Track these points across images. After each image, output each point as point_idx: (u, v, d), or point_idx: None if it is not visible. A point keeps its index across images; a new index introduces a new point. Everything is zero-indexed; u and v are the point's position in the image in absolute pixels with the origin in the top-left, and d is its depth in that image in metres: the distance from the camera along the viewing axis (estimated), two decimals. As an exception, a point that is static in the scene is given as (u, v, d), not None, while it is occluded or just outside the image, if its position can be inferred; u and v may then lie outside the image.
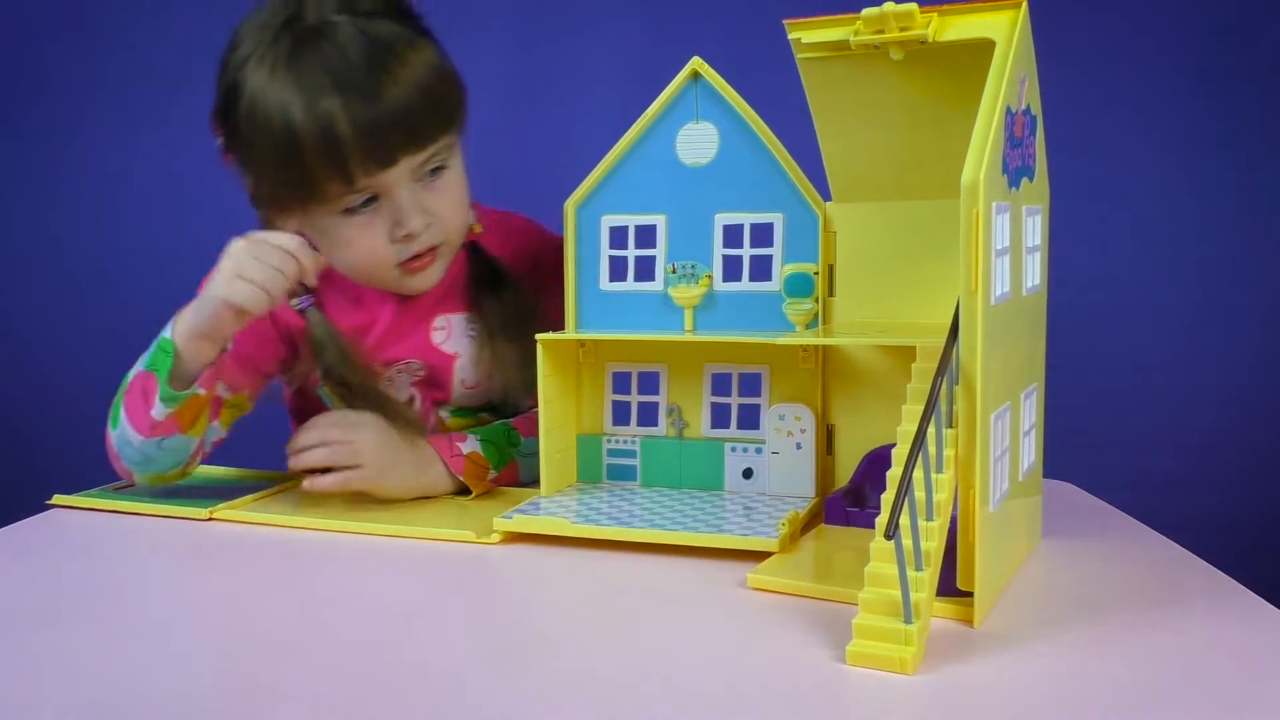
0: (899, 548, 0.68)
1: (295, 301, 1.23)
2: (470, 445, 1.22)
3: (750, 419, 1.14)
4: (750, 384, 1.14)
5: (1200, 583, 0.88)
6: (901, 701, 0.65)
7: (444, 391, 1.36)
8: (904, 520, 0.70)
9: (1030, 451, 0.94)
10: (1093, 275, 2.17)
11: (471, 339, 1.33)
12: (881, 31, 0.87)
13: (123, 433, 1.18)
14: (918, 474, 0.73)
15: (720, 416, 1.15)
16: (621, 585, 0.91)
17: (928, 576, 0.72)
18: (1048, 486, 1.06)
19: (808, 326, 1.10)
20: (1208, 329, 2.18)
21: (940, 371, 0.75)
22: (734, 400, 1.14)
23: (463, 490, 1.21)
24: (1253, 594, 0.83)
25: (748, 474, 1.13)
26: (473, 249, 1.34)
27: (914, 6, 0.86)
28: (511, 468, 1.26)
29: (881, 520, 0.73)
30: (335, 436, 1.15)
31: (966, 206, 0.75)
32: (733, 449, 1.14)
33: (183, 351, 1.15)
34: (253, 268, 1.12)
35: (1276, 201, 2.16)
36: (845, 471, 1.11)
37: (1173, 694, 0.66)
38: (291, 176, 1.15)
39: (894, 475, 0.77)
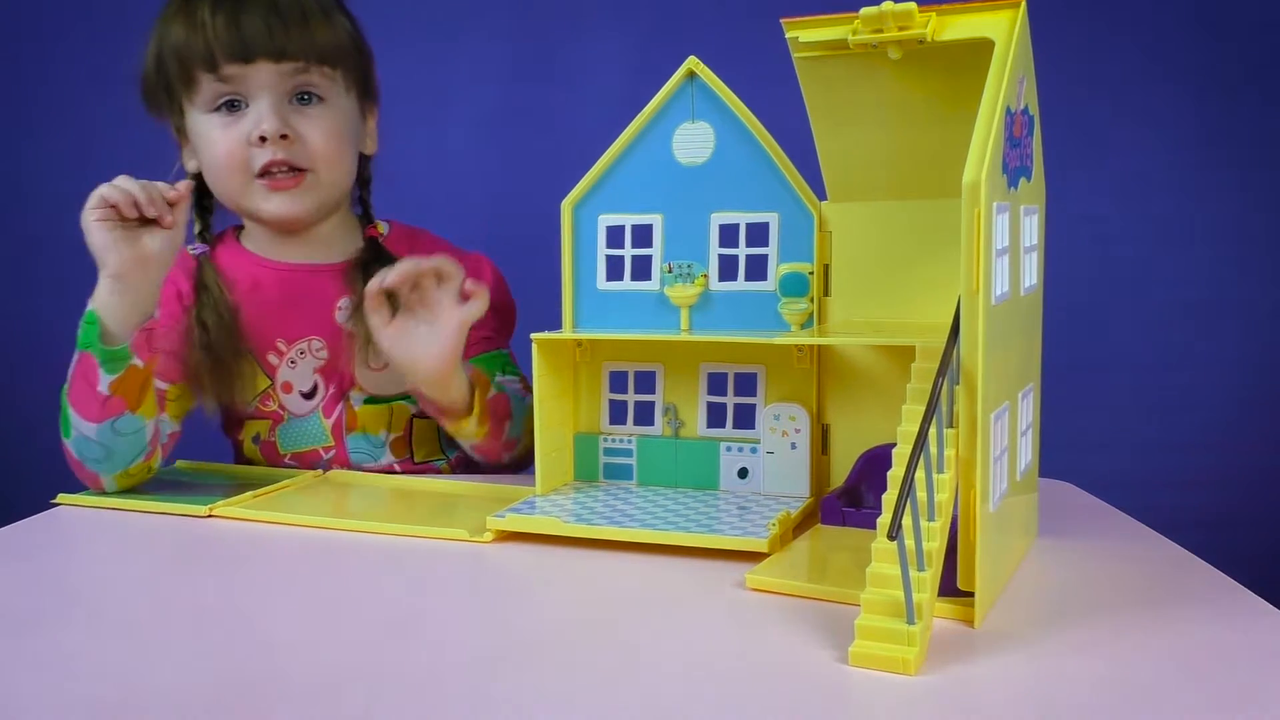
0: (902, 548, 0.68)
1: (191, 247, 1.35)
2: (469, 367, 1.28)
3: (746, 418, 1.14)
4: (746, 383, 1.14)
5: (1200, 583, 0.88)
6: (906, 702, 0.65)
7: (346, 374, 1.39)
8: (906, 520, 0.70)
9: (1027, 451, 0.94)
10: (1092, 275, 2.18)
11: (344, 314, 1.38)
12: (880, 31, 0.87)
13: (77, 431, 1.19)
14: (919, 474, 0.73)
15: (716, 416, 1.15)
16: (616, 585, 0.91)
17: (929, 577, 0.72)
18: (1046, 486, 1.06)
19: (803, 326, 1.09)
20: (1207, 329, 2.19)
21: (941, 372, 0.75)
22: (729, 400, 1.14)
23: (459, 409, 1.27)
24: (1252, 594, 0.83)
25: (743, 474, 1.13)
26: (370, 243, 1.41)
27: (913, 6, 0.86)
28: (501, 399, 1.32)
29: (884, 521, 0.73)
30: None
31: (968, 206, 0.75)
32: (728, 448, 1.14)
33: (101, 311, 1.17)
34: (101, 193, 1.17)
35: (1276, 200, 2.16)
36: (840, 471, 1.11)
37: (1176, 694, 0.66)
38: (170, 64, 1.28)
39: (895, 475, 0.77)
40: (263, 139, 1.27)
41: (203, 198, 1.38)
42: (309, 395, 1.39)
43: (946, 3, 0.87)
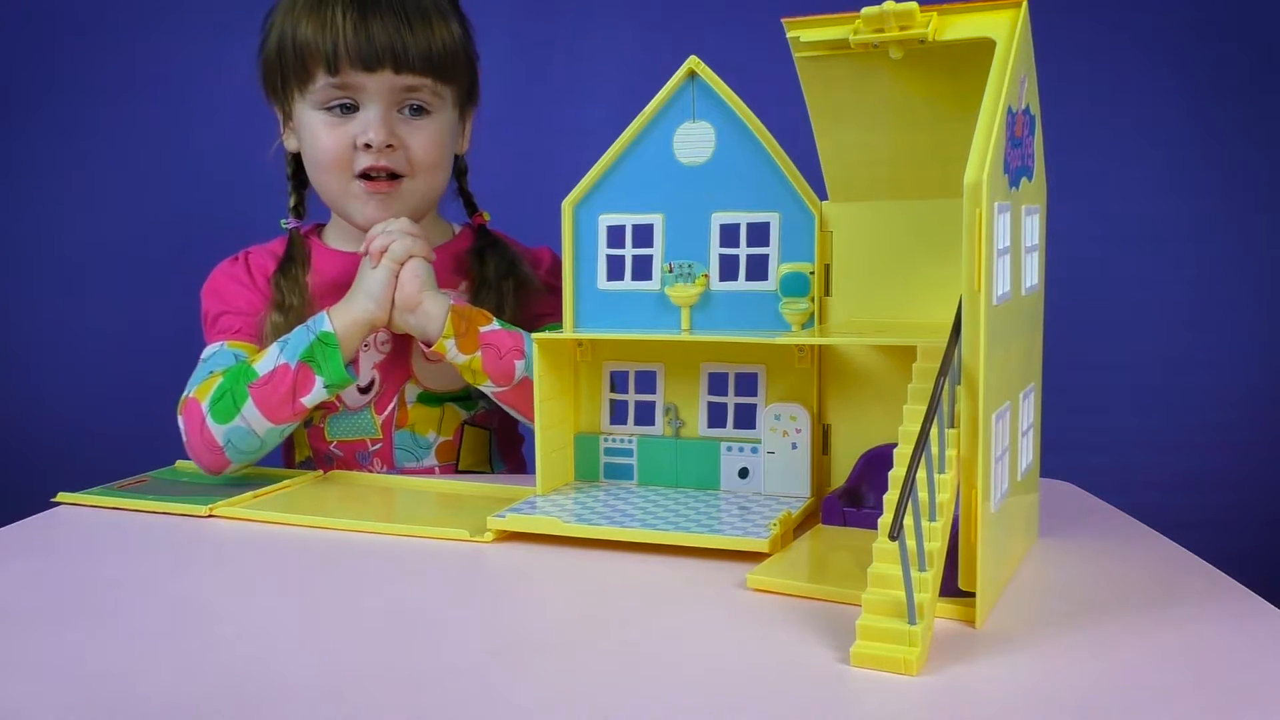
0: (903, 549, 0.68)
1: (284, 221, 1.42)
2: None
3: (746, 418, 1.14)
4: (746, 383, 1.14)
5: (1200, 583, 0.87)
6: (907, 703, 0.65)
7: (404, 367, 1.41)
8: (907, 521, 0.70)
9: (1028, 451, 0.94)
10: (1093, 274, 2.17)
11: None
12: (881, 30, 0.87)
13: (245, 423, 1.24)
14: (921, 474, 0.73)
15: (716, 416, 1.15)
16: (617, 585, 0.91)
17: (931, 577, 0.72)
18: (1047, 486, 1.06)
19: (804, 326, 1.09)
20: (1208, 328, 2.18)
21: (942, 371, 0.75)
22: (730, 400, 1.14)
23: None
24: (1253, 594, 0.83)
25: (743, 474, 1.13)
26: (480, 230, 1.47)
27: (914, 6, 0.85)
28: (510, 334, 1.32)
29: (885, 521, 0.73)
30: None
31: (970, 206, 0.75)
32: (728, 448, 1.13)
33: (343, 339, 1.25)
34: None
35: (1276, 200, 2.16)
36: (841, 471, 1.11)
37: (1177, 694, 0.66)
38: (290, 57, 1.30)
39: (896, 476, 0.77)
40: (368, 145, 1.30)
41: (299, 171, 1.43)
42: (364, 390, 1.40)
43: (948, 2, 0.87)
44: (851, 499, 1.05)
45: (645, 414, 1.17)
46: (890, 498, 0.75)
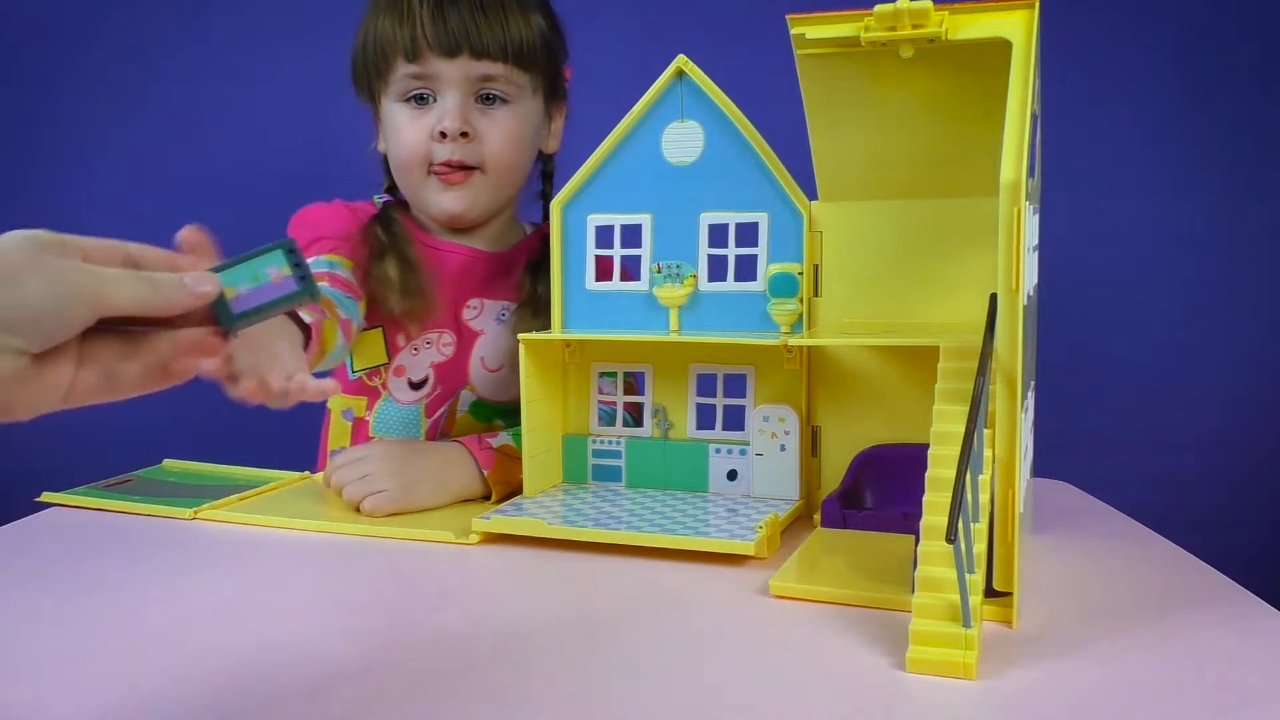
0: (957, 551, 0.67)
1: (377, 197, 1.39)
2: (501, 439, 1.22)
3: (735, 420, 1.13)
4: (735, 385, 1.13)
5: (1201, 584, 0.88)
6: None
7: (461, 373, 1.37)
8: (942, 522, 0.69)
9: (1030, 449, 0.94)
10: (1092, 275, 2.18)
11: (501, 322, 1.37)
12: (894, 28, 0.86)
13: None
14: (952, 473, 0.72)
15: (705, 417, 1.14)
16: (601, 587, 0.89)
17: (979, 579, 0.71)
18: (1045, 486, 1.06)
19: (792, 327, 1.08)
20: (1208, 328, 2.20)
21: (982, 371, 0.75)
22: (719, 401, 1.13)
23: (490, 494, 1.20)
24: (1253, 596, 0.83)
25: (732, 476, 1.12)
26: (545, 242, 1.37)
27: (929, 4, 0.85)
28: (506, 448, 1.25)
29: (936, 523, 0.72)
30: (349, 476, 1.14)
31: (1007, 204, 0.74)
32: (717, 450, 1.12)
33: None
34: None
35: (1275, 200, 2.19)
36: (830, 474, 1.10)
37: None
38: (372, 51, 1.31)
39: (939, 477, 0.75)
40: (443, 134, 1.28)
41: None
42: (417, 386, 1.37)
43: (960, 1, 0.86)
44: (849, 500, 1.04)
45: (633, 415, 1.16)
46: (934, 500, 0.74)
